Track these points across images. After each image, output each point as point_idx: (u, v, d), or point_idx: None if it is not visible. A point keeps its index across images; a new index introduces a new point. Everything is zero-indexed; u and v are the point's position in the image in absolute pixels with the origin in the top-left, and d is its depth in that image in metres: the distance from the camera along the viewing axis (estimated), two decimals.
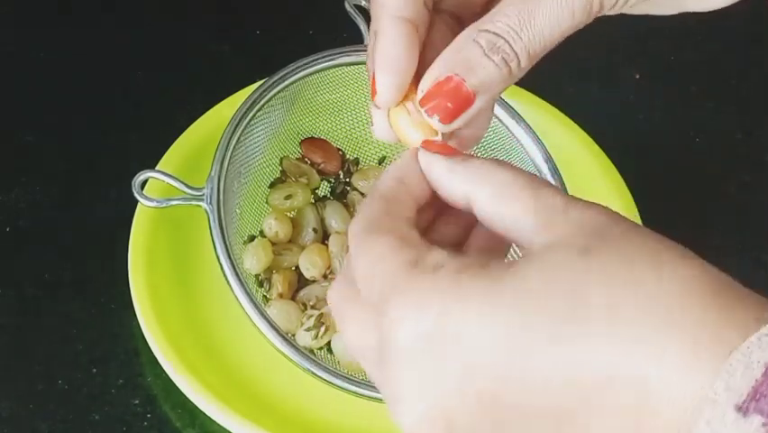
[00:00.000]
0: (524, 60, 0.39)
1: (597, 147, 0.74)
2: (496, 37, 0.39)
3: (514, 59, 0.39)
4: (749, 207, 0.77)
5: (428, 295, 0.34)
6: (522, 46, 0.39)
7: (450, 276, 0.34)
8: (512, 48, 0.39)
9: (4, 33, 0.81)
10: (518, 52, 0.39)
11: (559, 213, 0.35)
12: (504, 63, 0.39)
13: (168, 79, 0.79)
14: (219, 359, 0.65)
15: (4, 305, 0.68)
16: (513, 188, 0.36)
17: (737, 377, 0.31)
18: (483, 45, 0.39)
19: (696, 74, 0.84)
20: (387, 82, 0.41)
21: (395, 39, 0.40)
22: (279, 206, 0.67)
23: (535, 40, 0.39)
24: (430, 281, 0.34)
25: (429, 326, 0.34)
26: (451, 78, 0.39)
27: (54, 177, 0.73)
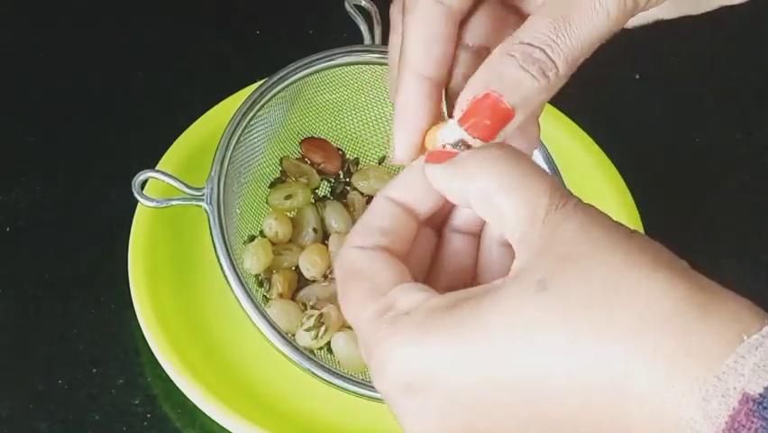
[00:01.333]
0: (562, 68, 0.39)
1: (597, 147, 0.74)
2: (531, 48, 0.38)
3: (552, 68, 0.39)
4: (749, 207, 0.77)
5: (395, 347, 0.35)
6: (559, 53, 0.38)
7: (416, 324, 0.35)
8: (548, 56, 0.38)
9: (4, 33, 0.81)
10: (555, 60, 0.39)
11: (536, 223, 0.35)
12: (541, 73, 0.38)
13: (168, 79, 0.79)
14: (219, 359, 0.65)
15: (4, 305, 0.68)
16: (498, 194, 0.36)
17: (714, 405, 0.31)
18: (518, 58, 0.38)
19: (696, 74, 0.84)
20: (404, 143, 0.41)
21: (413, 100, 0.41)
22: (279, 206, 0.67)
23: (573, 45, 0.39)
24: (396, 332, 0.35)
25: (401, 377, 0.35)
26: (488, 95, 0.39)
27: (54, 177, 0.73)
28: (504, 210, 0.36)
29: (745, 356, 0.31)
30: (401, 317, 0.36)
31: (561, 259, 0.34)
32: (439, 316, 0.35)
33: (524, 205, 0.36)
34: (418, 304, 0.36)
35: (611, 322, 0.32)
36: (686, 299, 0.33)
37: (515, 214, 0.36)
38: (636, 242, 0.34)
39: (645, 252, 0.34)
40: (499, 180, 0.36)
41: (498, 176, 0.37)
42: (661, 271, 0.33)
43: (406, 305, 0.36)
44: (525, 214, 0.36)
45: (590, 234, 0.34)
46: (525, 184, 0.36)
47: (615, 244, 0.34)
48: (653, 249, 0.34)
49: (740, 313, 0.33)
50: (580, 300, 0.33)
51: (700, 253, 0.73)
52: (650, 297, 0.33)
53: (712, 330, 0.32)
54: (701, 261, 0.75)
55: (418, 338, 0.35)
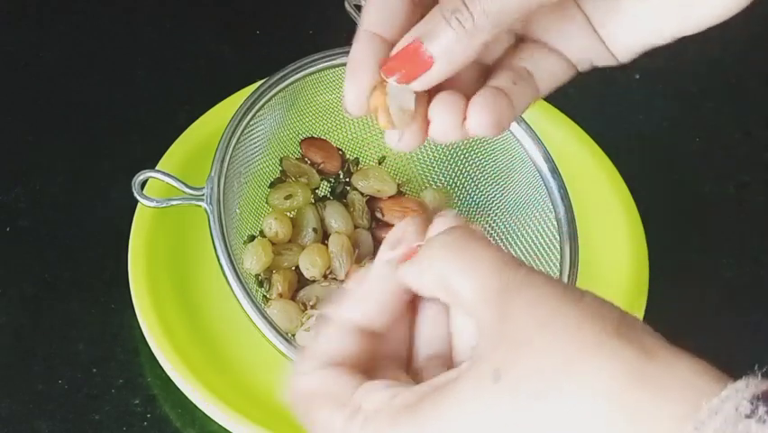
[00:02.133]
0: (478, 19, 0.40)
1: (597, 147, 0.74)
2: (455, 1, 0.40)
3: (468, 18, 0.40)
4: (749, 207, 0.77)
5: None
6: (478, 4, 0.40)
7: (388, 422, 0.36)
8: (466, 6, 0.40)
9: (4, 33, 0.81)
10: (472, 11, 0.40)
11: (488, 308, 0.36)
12: (457, 23, 0.40)
13: (168, 79, 0.79)
14: (219, 359, 0.65)
15: (4, 305, 0.68)
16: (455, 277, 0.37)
17: None
18: (443, 12, 0.41)
19: (696, 74, 0.84)
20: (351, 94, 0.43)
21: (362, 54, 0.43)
22: (279, 206, 0.67)
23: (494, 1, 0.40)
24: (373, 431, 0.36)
25: None
26: (412, 42, 0.41)
27: (54, 177, 0.73)
28: (460, 294, 0.37)
29: (704, 423, 0.31)
30: (371, 416, 0.36)
31: (513, 346, 0.34)
32: (406, 414, 0.36)
33: (476, 289, 0.36)
34: (385, 402, 0.36)
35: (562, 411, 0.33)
36: (636, 373, 0.33)
37: (471, 296, 0.37)
38: (584, 311, 0.34)
39: (593, 320, 0.34)
40: (454, 264, 0.37)
41: (449, 261, 0.37)
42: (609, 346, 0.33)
43: (374, 404, 0.37)
44: (478, 298, 0.36)
45: (537, 313, 0.35)
46: (476, 265, 0.37)
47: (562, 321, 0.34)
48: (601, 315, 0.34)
49: (695, 378, 0.32)
50: (531, 392, 0.33)
51: (700, 253, 0.74)
52: (600, 374, 0.33)
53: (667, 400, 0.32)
54: (701, 261, 0.75)
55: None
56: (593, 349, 0.33)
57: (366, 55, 0.43)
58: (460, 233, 0.38)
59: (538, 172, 0.64)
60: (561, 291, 0.35)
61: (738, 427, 0.30)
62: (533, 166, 0.64)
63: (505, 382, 0.34)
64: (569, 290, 0.35)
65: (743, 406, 0.31)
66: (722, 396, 0.31)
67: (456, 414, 0.35)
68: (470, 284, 0.36)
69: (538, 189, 0.64)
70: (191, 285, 0.67)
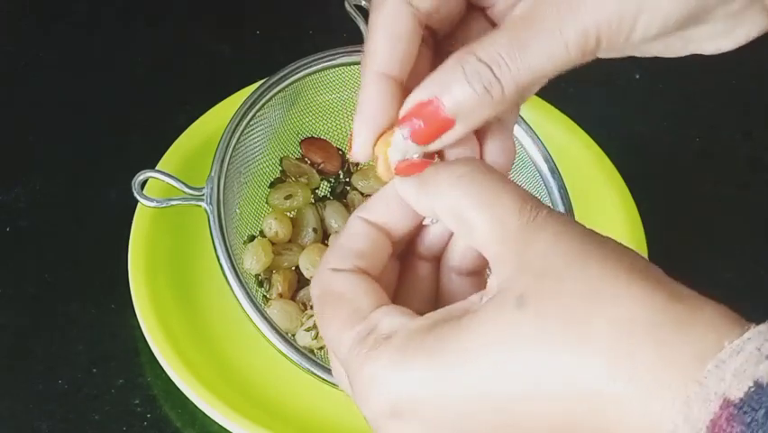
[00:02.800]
0: (509, 90, 0.38)
1: (597, 147, 0.74)
2: (480, 64, 0.38)
3: (497, 88, 0.38)
4: (749, 207, 0.77)
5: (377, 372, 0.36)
6: (507, 75, 0.38)
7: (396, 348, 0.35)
8: (496, 76, 0.38)
9: (4, 33, 0.81)
10: (502, 81, 0.38)
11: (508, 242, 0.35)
12: (484, 91, 0.38)
13: (168, 79, 0.79)
14: (219, 359, 0.65)
15: (4, 305, 0.68)
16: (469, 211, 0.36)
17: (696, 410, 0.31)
18: (466, 71, 0.38)
19: (696, 74, 0.84)
20: (359, 139, 0.41)
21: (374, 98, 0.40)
22: (279, 205, 0.67)
23: (523, 70, 0.38)
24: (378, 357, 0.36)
25: (383, 402, 0.35)
26: (431, 101, 0.39)
27: (54, 177, 0.73)
28: (475, 228, 0.36)
29: (725, 361, 0.31)
30: (382, 342, 0.36)
31: (537, 275, 0.34)
32: (419, 339, 0.35)
33: (494, 223, 0.36)
34: (398, 327, 0.36)
35: (589, 336, 0.33)
36: (663, 309, 0.33)
37: (486, 232, 0.36)
38: (611, 249, 0.34)
39: (620, 260, 0.34)
40: (468, 198, 0.37)
41: (466, 193, 0.37)
42: (636, 281, 0.33)
43: (387, 328, 0.36)
44: (497, 232, 0.36)
45: (563, 247, 0.34)
46: (494, 201, 0.36)
47: (588, 255, 0.34)
48: (629, 257, 0.34)
49: (718, 320, 0.33)
50: (557, 316, 0.33)
51: (700, 253, 0.74)
52: (627, 308, 0.33)
53: (691, 338, 0.32)
54: (701, 261, 0.75)
55: (400, 362, 0.35)
56: (622, 281, 0.33)
57: (378, 100, 0.40)
58: (478, 165, 0.38)
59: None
60: (586, 231, 0.35)
61: (759, 367, 0.31)
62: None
63: (530, 307, 0.33)
64: (593, 232, 0.35)
65: (765, 347, 0.31)
66: (744, 337, 0.32)
67: (477, 340, 0.34)
68: (487, 219, 0.36)
69: (538, 189, 0.64)
70: (191, 285, 0.67)
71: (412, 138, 0.39)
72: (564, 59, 0.38)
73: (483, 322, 0.34)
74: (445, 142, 0.39)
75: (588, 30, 0.38)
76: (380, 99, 0.40)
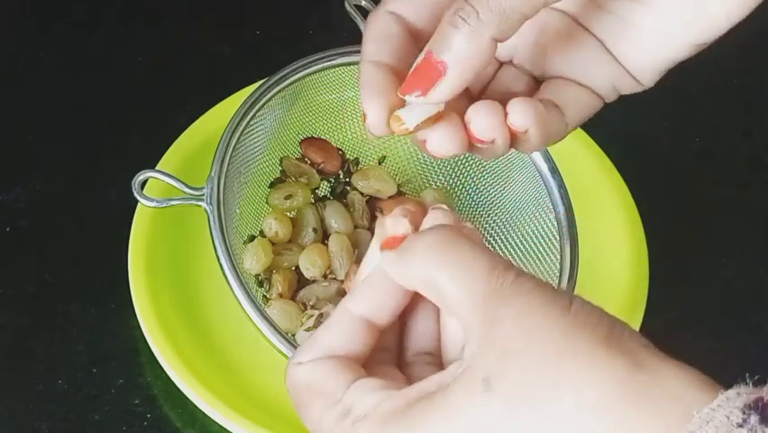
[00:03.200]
0: (484, 13, 0.39)
1: (597, 147, 0.74)
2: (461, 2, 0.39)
3: (471, 14, 0.39)
4: (749, 207, 0.77)
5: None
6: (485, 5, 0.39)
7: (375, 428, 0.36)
8: (472, 5, 0.39)
9: (4, 33, 0.81)
10: (476, 6, 0.39)
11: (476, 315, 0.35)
12: (462, 22, 0.39)
13: (168, 79, 0.79)
14: (219, 359, 0.65)
15: (4, 305, 0.68)
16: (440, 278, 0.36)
17: None
18: (448, 17, 0.40)
19: (696, 74, 0.83)
20: (371, 107, 0.42)
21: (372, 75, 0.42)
22: (279, 205, 0.67)
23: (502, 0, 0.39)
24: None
25: None
26: (424, 57, 0.40)
27: (54, 177, 0.73)
28: (447, 296, 0.36)
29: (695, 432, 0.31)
30: (359, 422, 0.36)
31: (499, 356, 0.34)
32: (395, 420, 0.35)
33: (464, 290, 0.36)
34: (374, 406, 0.36)
35: (553, 419, 0.33)
36: (625, 385, 0.32)
37: (457, 301, 0.36)
38: (573, 320, 0.34)
39: (582, 330, 0.34)
40: (438, 266, 0.37)
41: (436, 263, 0.37)
42: (597, 355, 0.33)
43: (362, 408, 0.36)
44: (466, 303, 0.36)
45: (526, 324, 0.34)
46: (463, 268, 0.36)
47: (550, 332, 0.34)
48: (591, 324, 0.34)
49: (684, 388, 0.32)
50: (522, 399, 0.33)
51: (700, 253, 0.74)
52: (588, 387, 0.32)
53: (658, 410, 0.32)
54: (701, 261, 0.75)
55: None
56: (581, 359, 0.33)
57: (376, 76, 0.42)
58: (448, 233, 0.37)
59: (538, 172, 0.64)
60: (549, 298, 0.35)
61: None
62: (533, 166, 0.64)
63: (495, 391, 0.34)
64: (558, 296, 0.35)
65: (734, 415, 0.31)
66: (713, 405, 0.31)
67: (446, 422, 0.34)
68: (456, 288, 0.36)
69: (538, 189, 0.64)
70: (191, 285, 0.67)
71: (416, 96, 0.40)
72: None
73: (452, 404, 0.34)
74: (445, 91, 0.40)
75: None
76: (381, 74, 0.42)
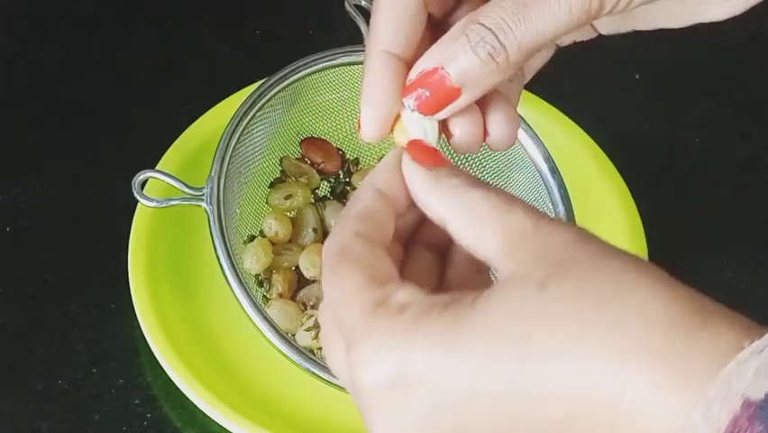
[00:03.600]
0: (513, 55, 0.38)
1: (597, 147, 0.74)
2: (484, 30, 0.38)
3: (501, 54, 0.38)
4: (749, 208, 0.77)
5: (388, 339, 0.34)
6: (512, 40, 0.38)
7: (412, 318, 0.34)
8: (500, 41, 0.38)
9: (4, 33, 0.81)
10: (507, 46, 0.38)
11: (526, 238, 0.35)
12: (490, 58, 0.38)
13: (168, 79, 0.79)
14: (219, 359, 0.65)
15: (4, 305, 0.68)
16: (481, 213, 0.36)
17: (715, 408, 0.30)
18: (470, 38, 0.38)
19: (696, 74, 0.84)
20: (369, 118, 0.40)
21: (379, 77, 0.40)
22: (279, 205, 0.67)
23: (528, 34, 0.38)
24: (391, 324, 0.34)
25: (389, 370, 0.34)
26: (436, 70, 0.39)
27: (54, 177, 0.73)
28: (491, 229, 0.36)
29: (747, 361, 0.31)
30: (397, 310, 0.35)
31: (558, 263, 0.34)
32: (435, 314, 0.34)
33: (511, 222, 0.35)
34: (414, 300, 0.35)
35: (611, 325, 0.32)
36: (686, 305, 0.32)
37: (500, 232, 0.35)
38: (629, 254, 0.34)
39: (640, 261, 0.34)
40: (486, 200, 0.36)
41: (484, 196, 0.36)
42: (659, 278, 0.33)
43: (403, 299, 0.35)
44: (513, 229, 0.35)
45: (584, 245, 0.34)
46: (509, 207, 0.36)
47: (610, 252, 0.34)
48: (647, 262, 0.34)
49: (739, 321, 0.32)
50: (580, 300, 0.32)
51: (700, 253, 0.74)
52: (651, 299, 0.32)
53: (712, 337, 0.32)
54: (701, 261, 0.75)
55: (413, 335, 0.34)
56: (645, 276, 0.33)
57: (384, 79, 0.40)
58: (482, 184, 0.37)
59: (538, 172, 0.64)
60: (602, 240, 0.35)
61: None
62: (533, 166, 0.64)
63: (553, 290, 0.33)
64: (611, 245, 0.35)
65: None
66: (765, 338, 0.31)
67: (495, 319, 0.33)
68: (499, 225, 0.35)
69: (538, 189, 0.64)
70: (191, 285, 0.67)
71: (418, 109, 0.39)
72: (568, 21, 0.38)
73: (504, 302, 0.33)
74: (451, 111, 0.39)
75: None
76: (387, 75, 0.40)
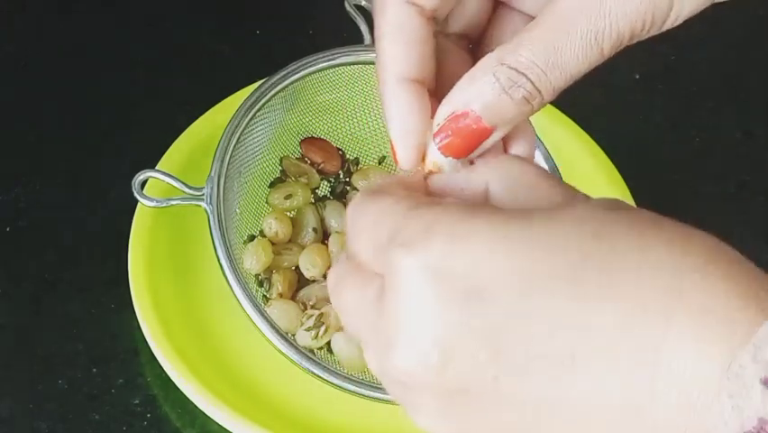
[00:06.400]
0: (547, 97, 0.38)
1: (596, 147, 0.74)
2: (517, 74, 0.37)
3: (537, 97, 0.38)
4: (749, 207, 0.77)
5: (438, 220, 0.33)
6: (547, 84, 0.37)
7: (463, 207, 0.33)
8: (535, 86, 0.37)
9: (3, 33, 0.81)
10: (542, 90, 0.37)
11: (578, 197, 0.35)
12: (525, 102, 0.37)
13: (168, 79, 0.79)
14: (219, 359, 0.65)
15: (4, 305, 0.68)
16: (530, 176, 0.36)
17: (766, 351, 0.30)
18: (503, 81, 0.37)
19: (696, 74, 0.84)
20: (405, 150, 0.39)
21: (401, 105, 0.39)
22: (279, 205, 0.67)
23: (561, 77, 0.37)
24: (440, 209, 0.33)
25: (436, 253, 0.32)
26: (467, 114, 0.38)
27: (54, 177, 0.73)
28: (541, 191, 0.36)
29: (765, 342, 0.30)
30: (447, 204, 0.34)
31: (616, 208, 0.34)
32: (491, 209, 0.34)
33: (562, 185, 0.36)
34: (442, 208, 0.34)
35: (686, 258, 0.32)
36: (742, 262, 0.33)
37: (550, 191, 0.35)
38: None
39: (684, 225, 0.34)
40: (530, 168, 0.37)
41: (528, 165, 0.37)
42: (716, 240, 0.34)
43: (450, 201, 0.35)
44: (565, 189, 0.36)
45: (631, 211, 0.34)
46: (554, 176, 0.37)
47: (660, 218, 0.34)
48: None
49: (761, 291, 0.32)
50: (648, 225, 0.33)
51: None
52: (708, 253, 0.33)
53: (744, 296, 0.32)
54: None
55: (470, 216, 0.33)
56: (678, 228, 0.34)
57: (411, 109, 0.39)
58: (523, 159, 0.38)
59: None
60: None
61: None
62: None
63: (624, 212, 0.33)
64: None
65: None
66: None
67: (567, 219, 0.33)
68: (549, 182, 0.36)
69: None
70: (191, 285, 0.67)
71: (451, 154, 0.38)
72: (599, 60, 0.38)
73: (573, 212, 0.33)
74: (481, 151, 0.39)
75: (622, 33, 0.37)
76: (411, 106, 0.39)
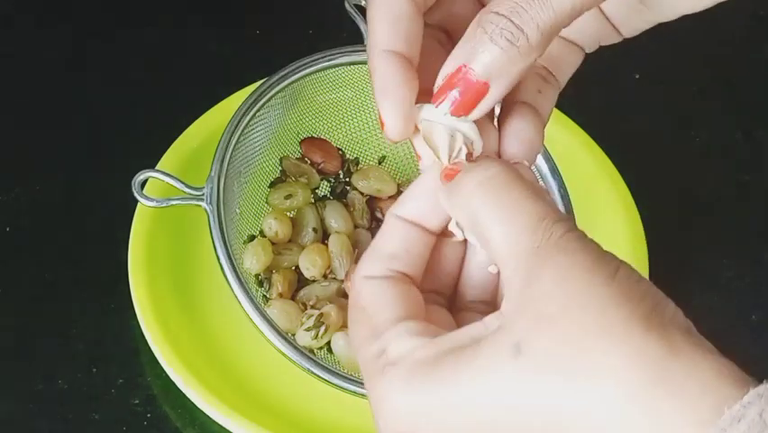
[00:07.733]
0: (533, 36, 0.37)
1: (597, 147, 0.74)
2: (498, 17, 0.37)
3: (520, 37, 0.37)
4: (749, 207, 0.77)
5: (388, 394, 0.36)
6: (529, 21, 0.37)
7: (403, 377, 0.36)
8: (516, 25, 0.37)
9: (3, 33, 0.81)
10: (524, 28, 0.37)
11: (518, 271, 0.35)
12: (509, 44, 0.37)
13: (168, 79, 0.79)
14: (219, 359, 0.65)
15: (4, 305, 0.68)
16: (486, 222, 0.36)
17: None
18: (487, 29, 0.37)
19: (696, 74, 0.84)
20: (391, 116, 0.39)
21: (388, 72, 0.39)
22: (279, 205, 0.67)
23: (544, 12, 0.37)
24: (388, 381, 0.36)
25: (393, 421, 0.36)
26: (459, 69, 0.38)
27: (54, 177, 0.73)
28: (491, 242, 0.36)
29: (726, 430, 0.30)
30: (389, 366, 0.36)
31: (536, 319, 0.33)
32: (421, 374, 0.35)
33: (506, 244, 0.35)
34: (407, 353, 0.36)
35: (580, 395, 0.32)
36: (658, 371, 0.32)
37: (499, 252, 0.35)
38: (615, 290, 0.33)
39: (623, 304, 0.33)
40: (486, 208, 0.36)
41: (485, 203, 0.36)
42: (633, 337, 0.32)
43: (395, 354, 0.36)
44: (508, 257, 0.35)
45: (566, 288, 0.33)
46: (511, 215, 0.35)
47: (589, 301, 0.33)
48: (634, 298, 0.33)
49: (716, 381, 0.31)
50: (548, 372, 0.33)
51: (700, 253, 0.74)
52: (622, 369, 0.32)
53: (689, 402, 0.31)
54: (701, 261, 0.75)
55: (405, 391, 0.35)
56: (617, 338, 0.32)
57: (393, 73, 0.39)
58: (503, 172, 0.36)
59: (538, 172, 0.64)
60: (595, 262, 0.34)
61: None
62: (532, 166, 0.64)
63: (524, 358, 0.33)
64: (605, 260, 0.34)
65: (766, 412, 0.30)
66: (744, 402, 0.30)
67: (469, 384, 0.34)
68: (500, 238, 0.35)
69: None
70: (191, 285, 0.67)
71: (451, 111, 0.38)
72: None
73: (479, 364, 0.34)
74: (484, 108, 0.39)
75: None
76: (397, 71, 0.39)
